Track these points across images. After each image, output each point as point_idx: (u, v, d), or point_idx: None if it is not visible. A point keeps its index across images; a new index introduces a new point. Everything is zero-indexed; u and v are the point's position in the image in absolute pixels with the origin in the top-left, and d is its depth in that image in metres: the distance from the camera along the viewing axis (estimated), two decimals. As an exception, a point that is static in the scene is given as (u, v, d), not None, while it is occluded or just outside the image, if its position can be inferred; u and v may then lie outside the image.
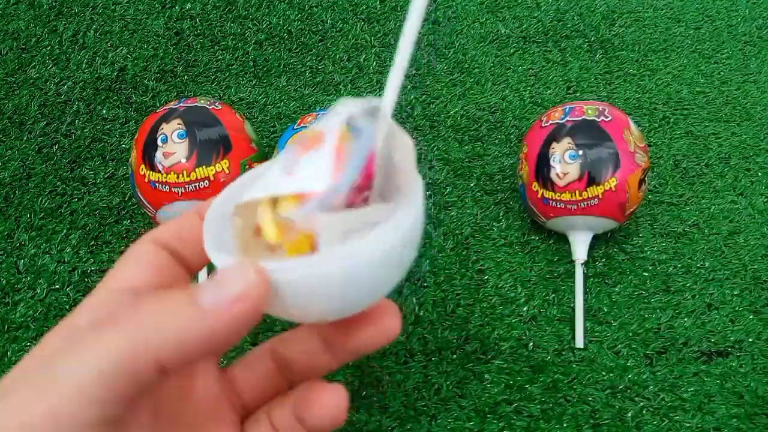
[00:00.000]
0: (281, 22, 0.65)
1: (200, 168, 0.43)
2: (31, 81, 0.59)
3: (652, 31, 0.66)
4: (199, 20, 0.65)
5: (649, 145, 0.55)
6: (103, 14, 0.65)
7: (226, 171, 0.43)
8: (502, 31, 0.65)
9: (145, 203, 0.44)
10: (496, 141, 0.56)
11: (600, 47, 0.64)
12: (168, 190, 0.43)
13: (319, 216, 0.20)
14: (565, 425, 0.40)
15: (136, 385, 0.19)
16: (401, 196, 0.22)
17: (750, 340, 0.44)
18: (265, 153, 0.48)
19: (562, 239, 0.48)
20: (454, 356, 0.43)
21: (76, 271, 0.46)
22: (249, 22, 0.65)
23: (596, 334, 0.44)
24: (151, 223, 0.49)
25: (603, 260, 0.48)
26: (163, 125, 0.44)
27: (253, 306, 0.19)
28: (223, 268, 0.20)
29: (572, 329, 0.44)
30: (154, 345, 0.19)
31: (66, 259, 0.47)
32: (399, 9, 0.66)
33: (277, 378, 0.26)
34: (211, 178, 0.43)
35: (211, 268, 0.23)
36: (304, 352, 0.25)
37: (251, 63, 0.62)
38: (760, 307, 0.46)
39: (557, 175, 0.44)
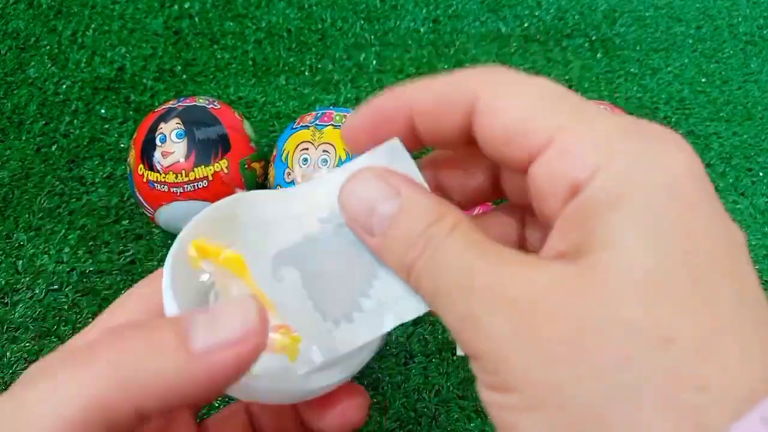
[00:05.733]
0: (280, 20, 0.65)
1: (199, 168, 0.42)
2: (30, 80, 0.59)
3: (653, 30, 0.65)
4: (198, 19, 0.65)
5: (650, 145, 0.55)
6: (102, 13, 0.65)
7: (225, 171, 0.43)
8: (503, 30, 0.65)
9: (144, 203, 0.44)
10: (497, 140, 0.55)
11: (601, 46, 0.64)
12: (167, 190, 0.43)
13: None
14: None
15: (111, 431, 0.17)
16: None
17: (752, 340, 0.44)
18: (264, 152, 0.48)
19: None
20: (455, 357, 0.43)
21: (74, 272, 0.46)
22: (248, 21, 0.65)
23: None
24: (150, 223, 0.49)
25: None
26: (162, 125, 0.43)
27: (248, 352, 0.17)
28: (220, 305, 0.18)
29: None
30: (134, 391, 0.16)
31: (65, 260, 0.47)
32: (399, 7, 0.66)
33: None
34: (210, 178, 0.43)
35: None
36: (275, 417, 0.25)
37: (250, 62, 0.61)
38: (761, 307, 0.46)
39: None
